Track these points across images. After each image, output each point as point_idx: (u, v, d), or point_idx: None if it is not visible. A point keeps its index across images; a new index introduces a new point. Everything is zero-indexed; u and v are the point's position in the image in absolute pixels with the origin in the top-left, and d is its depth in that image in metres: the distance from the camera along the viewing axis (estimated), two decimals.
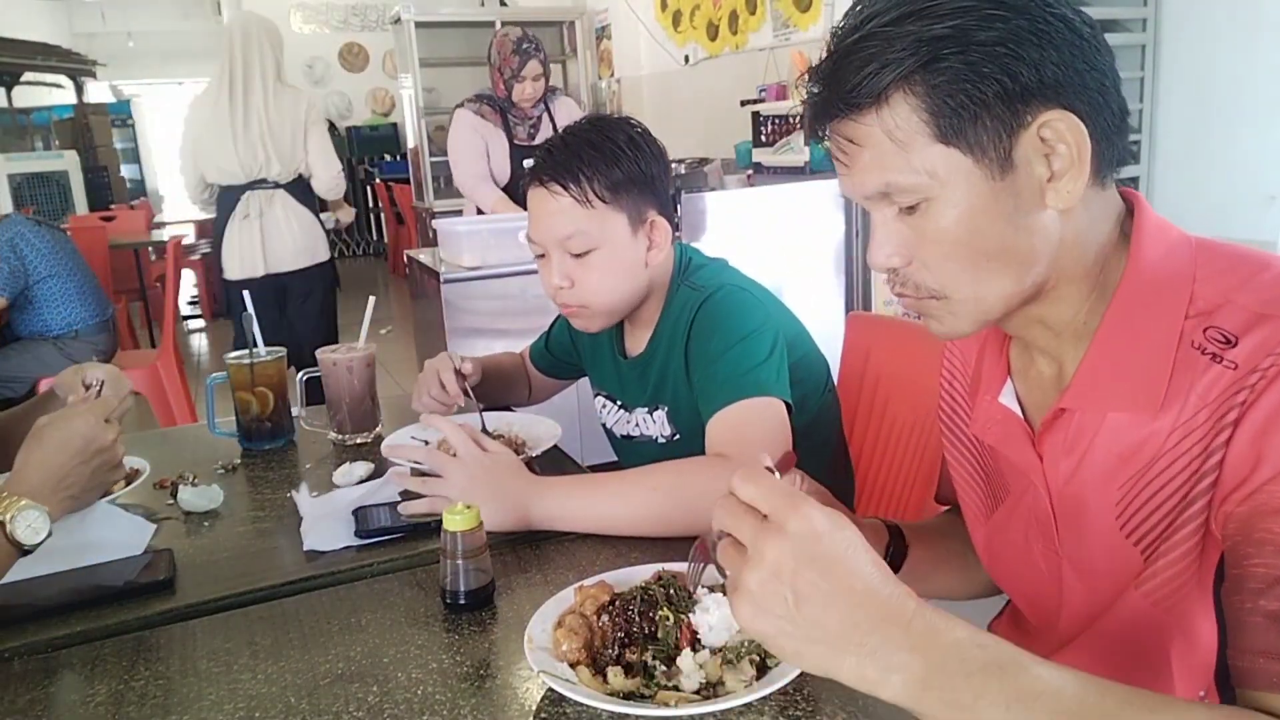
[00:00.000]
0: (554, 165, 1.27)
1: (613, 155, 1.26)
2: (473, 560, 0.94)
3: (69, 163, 6.91)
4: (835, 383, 1.50)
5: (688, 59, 5.63)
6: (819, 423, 1.40)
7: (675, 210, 2.18)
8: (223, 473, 1.41)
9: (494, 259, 3.03)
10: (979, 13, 0.67)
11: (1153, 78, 3.44)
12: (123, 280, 5.54)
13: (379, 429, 1.54)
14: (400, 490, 1.20)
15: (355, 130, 9.73)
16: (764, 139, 4.21)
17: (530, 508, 1.11)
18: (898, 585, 0.59)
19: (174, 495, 1.28)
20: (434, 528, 1.06)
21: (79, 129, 8.47)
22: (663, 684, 0.77)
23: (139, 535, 1.16)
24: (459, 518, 0.93)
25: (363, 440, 1.52)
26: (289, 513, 1.24)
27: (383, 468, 1.33)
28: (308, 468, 1.42)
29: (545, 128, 3.53)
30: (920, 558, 1.02)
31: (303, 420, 1.59)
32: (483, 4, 7.97)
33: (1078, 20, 0.69)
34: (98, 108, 9.34)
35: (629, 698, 0.76)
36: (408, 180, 7.80)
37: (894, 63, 0.68)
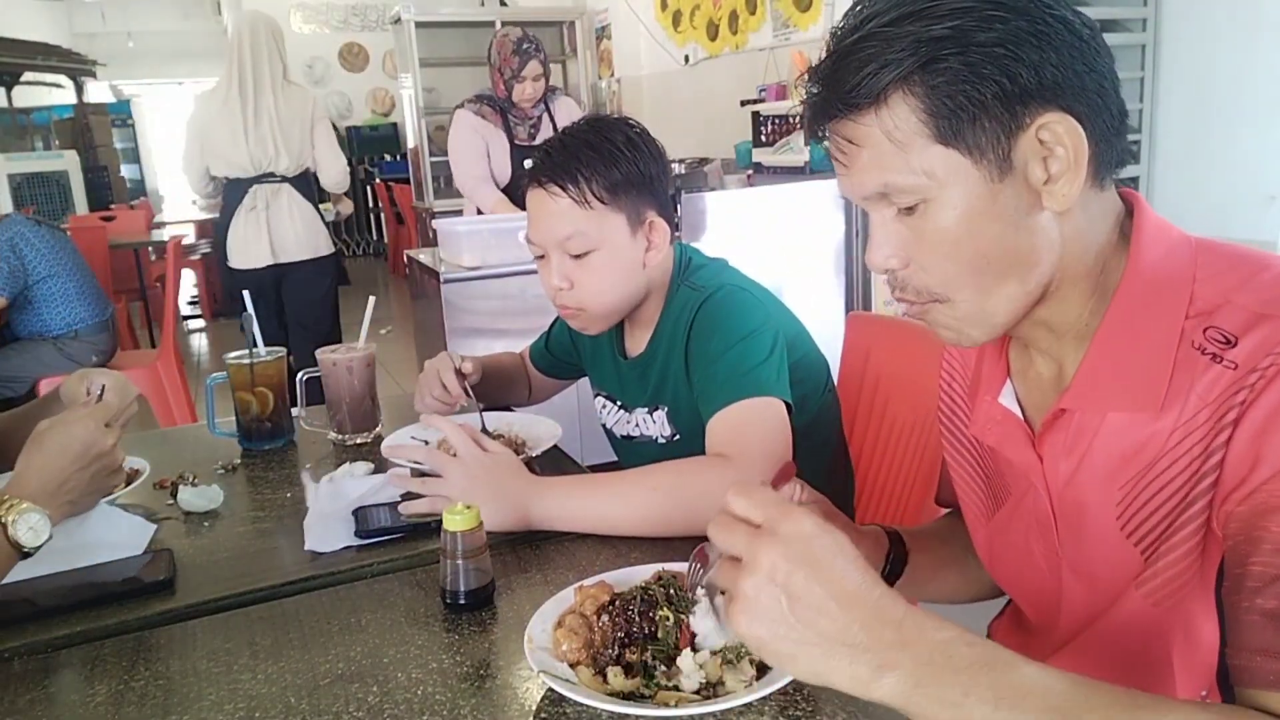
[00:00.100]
0: (552, 166, 1.27)
1: (611, 156, 1.26)
2: (473, 560, 0.94)
3: (69, 163, 6.92)
4: (835, 383, 1.50)
5: (688, 59, 5.63)
6: (819, 423, 1.40)
7: (675, 210, 2.18)
8: (223, 473, 1.41)
9: (494, 259, 3.04)
10: (978, 14, 0.67)
11: (1153, 78, 3.43)
12: (123, 280, 5.55)
13: (379, 429, 1.54)
14: (401, 490, 1.20)
15: (355, 130, 9.71)
16: (764, 139, 4.22)
17: (530, 508, 1.11)
18: (886, 587, 0.61)
19: (174, 495, 1.28)
20: (434, 528, 1.06)
21: (79, 129, 8.47)
22: (663, 684, 0.77)
23: (139, 535, 1.16)
24: (459, 518, 0.93)
25: (363, 440, 1.52)
26: (289, 513, 1.24)
27: (383, 468, 1.34)
28: (308, 468, 1.42)
29: (545, 128, 3.52)
30: (921, 563, 1.02)
31: (303, 420, 1.59)
32: (483, 4, 7.97)
33: (1077, 22, 0.69)
34: (98, 108, 9.34)
35: (629, 698, 0.76)
36: (408, 180, 7.80)
37: (893, 63, 0.68)
